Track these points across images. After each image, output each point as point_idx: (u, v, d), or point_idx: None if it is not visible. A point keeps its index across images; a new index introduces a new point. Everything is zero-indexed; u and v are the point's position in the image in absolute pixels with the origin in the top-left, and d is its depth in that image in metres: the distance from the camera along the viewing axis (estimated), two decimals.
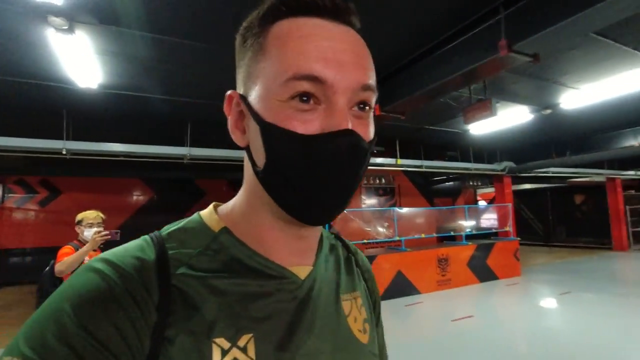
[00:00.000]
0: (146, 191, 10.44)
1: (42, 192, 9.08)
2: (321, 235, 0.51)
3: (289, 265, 0.43)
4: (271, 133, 0.37)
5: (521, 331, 4.60)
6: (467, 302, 6.10)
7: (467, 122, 4.18)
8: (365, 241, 6.89)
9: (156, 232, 0.42)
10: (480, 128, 6.07)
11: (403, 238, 7.06)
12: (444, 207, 9.44)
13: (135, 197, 10.32)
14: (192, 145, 5.74)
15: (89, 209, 1.60)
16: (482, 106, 3.97)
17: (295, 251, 0.44)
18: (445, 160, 8.84)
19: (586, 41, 3.29)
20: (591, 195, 13.23)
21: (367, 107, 0.39)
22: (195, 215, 0.46)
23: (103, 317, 0.32)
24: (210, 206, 0.47)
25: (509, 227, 8.80)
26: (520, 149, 9.19)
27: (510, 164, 9.03)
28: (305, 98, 0.36)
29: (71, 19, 2.62)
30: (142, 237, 0.41)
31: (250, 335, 0.38)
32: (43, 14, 2.56)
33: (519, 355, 3.72)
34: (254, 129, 0.39)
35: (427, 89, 3.67)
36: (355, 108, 0.38)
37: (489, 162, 9.11)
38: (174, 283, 0.37)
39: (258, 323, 0.39)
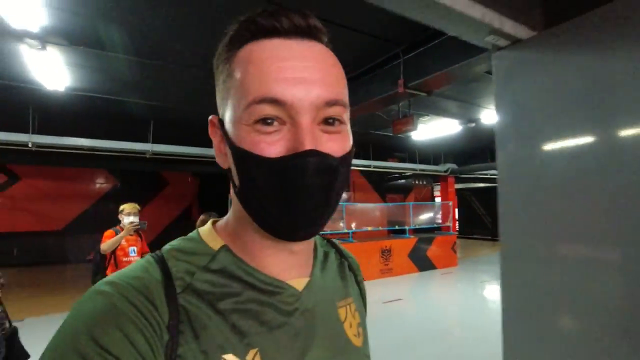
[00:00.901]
0: (110, 180, 10.62)
1: (0, 178, 9.10)
2: (315, 244, 0.52)
3: (287, 278, 0.44)
4: (241, 157, 0.38)
5: (441, 311, 5.48)
6: (401, 288, 6.96)
7: (396, 132, 4.92)
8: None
9: (157, 252, 0.43)
10: (419, 135, 6.91)
11: (351, 231, 7.85)
12: (391, 204, 10.33)
13: (98, 185, 10.50)
14: (155, 141, 6.16)
15: (48, 195, 1.98)
16: (407, 121, 4.71)
17: (290, 266, 0.44)
18: (395, 160, 9.69)
19: (483, 76, 4.09)
20: None
21: (336, 122, 0.39)
22: (194, 234, 0.46)
23: (114, 331, 0.33)
24: (209, 223, 0.47)
25: (449, 223, 9.83)
26: (462, 153, 10.18)
27: (453, 165, 10.04)
28: (269, 121, 0.36)
29: (44, 40, 3.07)
30: (145, 258, 0.42)
31: (256, 350, 0.39)
32: (20, 36, 2.99)
33: (435, 330, 4.54)
34: (229, 152, 0.40)
35: (360, 105, 4.39)
36: (323, 124, 0.38)
37: (435, 164, 10.06)
38: (181, 303, 0.38)
39: (262, 337, 0.40)
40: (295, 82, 0.36)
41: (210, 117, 0.44)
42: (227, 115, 0.40)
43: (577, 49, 1.07)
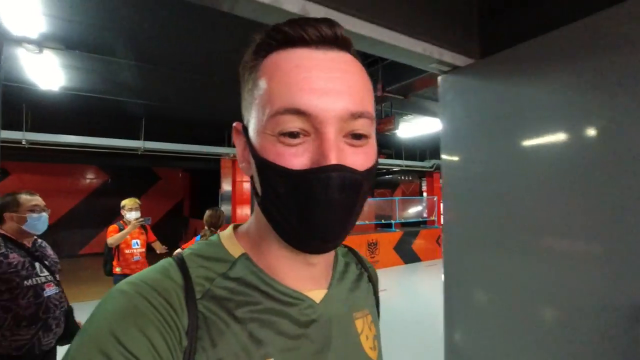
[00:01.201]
0: (100, 175, 10.70)
1: None
2: (336, 254, 0.52)
3: (305, 290, 0.44)
4: (264, 167, 0.38)
5: (423, 301, 5.80)
6: (386, 279, 7.28)
7: (379, 131, 5.18)
8: None
9: (179, 255, 0.43)
10: (404, 133, 7.18)
11: None
12: (379, 199, 10.63)
13: (88, 181, 10.57)
14: (148, 138, 6.32)
15: (39, 190, 2.06)
16: (388, 121, 4.97)
17: (308, 277, 0.45)
18: (382, 157, 9.97)
19: None
20: None
21: (362, 137, 0.38)
22: (215, 238, 0.46)
23: (135, 331, 0.33)
24: (230, 228, 0.47)
25: (435, 217, 10.17)
26: None
27: (438, 161, 10.35)
28: (294, 133, 0.36)
29: (42, 45, 3.23)
30: (166, 260, 0.42)
31: None
32: (19, 41, 3.15)
33: (418, 318, 4.85)
34: (252, 161, 0.40)
35: None
36: (349, 137, 0.38)
37: (421, 160, 10.37)
38: (200, 309, 0.38)
39: (279, 348, 0.40)
40: (321, 93, 0.36)
41: (234, 124, 0.45)
42: (252, 124, 0.40)
43: (504, 76, 1.32)
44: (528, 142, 1.23)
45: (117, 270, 3.64)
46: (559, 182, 1.15)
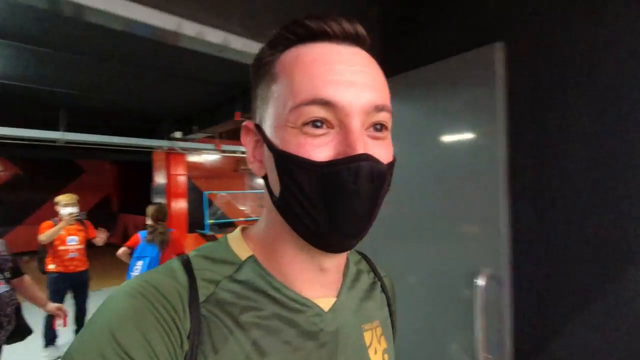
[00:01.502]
0: (8, 167, 9.58)
1: None
2: (347, 261, 0.50)
3: (313, 297, 0.43)
4: (285, 161, 0.36)
5: None
6: None
7: None
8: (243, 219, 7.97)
9: (184, 256, 0.42)
10: None
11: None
12: None
13: None
14: (71, 130, 5.84)
15: None
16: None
17: (319, 284, 0.43)
18: None
19: None
20: None
21: (383, 128, 0.39)
22: (222, 239, 0.45)
23: (136, 334, 0.33)
24: (238, 230, 0.46)
25: None
26: None
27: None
28: (318, 124, 0.35)
29: None
30: (172, 261, 0.41)
31: None
32: None
33: None
34: (268, 158, 0.39)
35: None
36: (371, 129, 0.38)
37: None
38: (203, 313, 0.37)
39: (283, 357, 0.38)
40: (347, 85, 0.36)
41: (244, 123, 0.43)
42: (268, 119, 0.39)
43: (401, 97, 1.59)
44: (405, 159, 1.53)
45: (50, 267, 3.47)
46: (423, 186, 1.46)
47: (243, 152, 8.97)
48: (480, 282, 1.25)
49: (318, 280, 0.43)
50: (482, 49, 1.30)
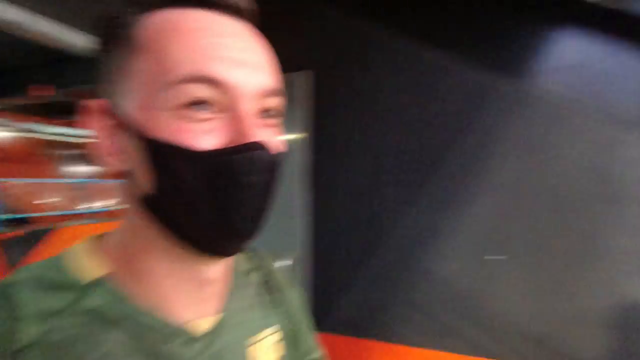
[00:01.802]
0: None
1: None
2: (231, 264, 0.43)
3: (188, 318, 0.36)
4: (160, 151, 0.30)
5: None
6: None
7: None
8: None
9: (2, 282, 0.32)
10: None
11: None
12: None
13: None
14: None
15: None
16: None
17: (198, 300, 0.37)
18: None
19: None
20: None
21: (275, 115, 0.34)
22: (60, 257, 0.35)
23: None
24: (89, 240, 0.37)
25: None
26: None
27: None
28: (201, 106, 0.29)
29: None
30: None
31: None
32: None
33: None
34: (134, 148, 0.31)
35: None
36: (263, 115, 0.33)
37: None
38: None
39: None
40: (238, 64, 0.30)
41: (87, 103, 0.33)
42: (131, 99, 0.31)
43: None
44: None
45: None
46: None
47: (52, 133, 7.36)
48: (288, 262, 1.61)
49: (196, 297, 0.37)
50: (295, 74, 1.64)
